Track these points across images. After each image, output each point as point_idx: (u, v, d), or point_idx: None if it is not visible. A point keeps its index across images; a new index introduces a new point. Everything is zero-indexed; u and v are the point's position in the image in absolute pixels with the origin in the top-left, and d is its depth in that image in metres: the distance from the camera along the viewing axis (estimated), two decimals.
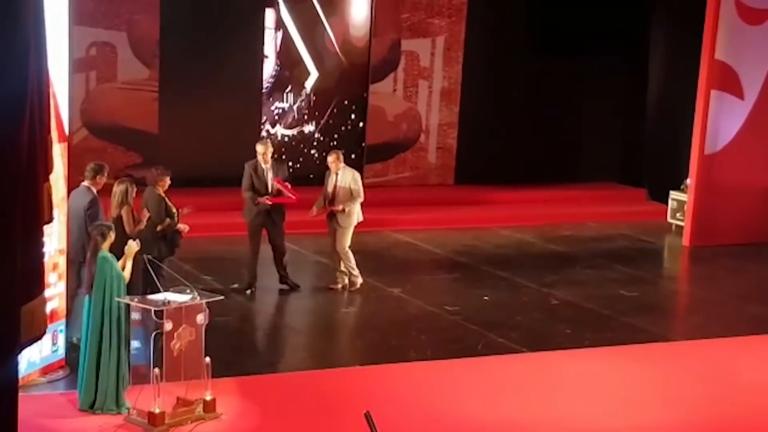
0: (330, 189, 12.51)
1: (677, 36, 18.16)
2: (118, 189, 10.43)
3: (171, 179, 11.01)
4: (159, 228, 10.69)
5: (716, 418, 9.42)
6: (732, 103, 15.95)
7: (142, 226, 10.44)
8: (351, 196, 12.46)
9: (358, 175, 12.72)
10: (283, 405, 9.12)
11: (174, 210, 10.90)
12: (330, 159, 12.69)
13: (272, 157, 12.42)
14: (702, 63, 15.73)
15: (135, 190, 10.50)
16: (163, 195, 10.90)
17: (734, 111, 15.99)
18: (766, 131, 16.18)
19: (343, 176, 12.52)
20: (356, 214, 12.61)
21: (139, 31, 16.22)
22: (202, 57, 16.62)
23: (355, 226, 12.67)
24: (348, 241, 12.56)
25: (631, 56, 19.03)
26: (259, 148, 12.37)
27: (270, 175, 12.26)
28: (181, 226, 10.92)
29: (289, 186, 12.28)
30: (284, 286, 12.50)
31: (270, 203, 12.14)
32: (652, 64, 19.08)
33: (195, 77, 16.56)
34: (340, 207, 12.39)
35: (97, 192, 10.26)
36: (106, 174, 10.40)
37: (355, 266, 12.63)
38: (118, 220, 10.34)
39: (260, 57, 17.04)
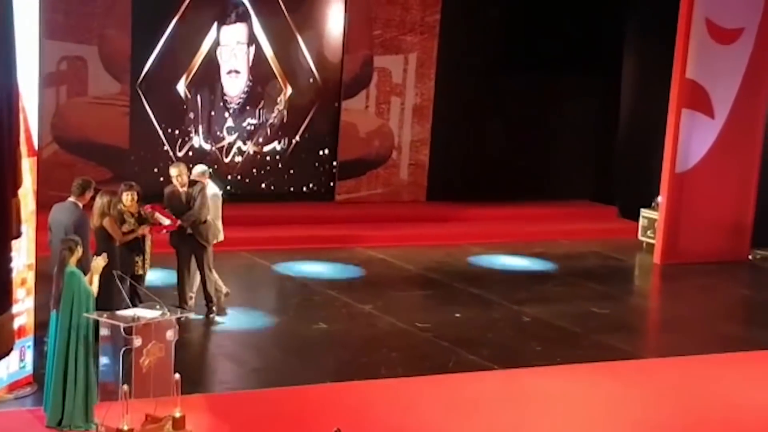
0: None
1: (649, 55, 18.27)
2: (100, 201, 10.51)
3: (139, 194, 10.98)
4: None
5: None
6: (703, 122, 16.05)
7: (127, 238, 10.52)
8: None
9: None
10: (253, 422, 9.07)
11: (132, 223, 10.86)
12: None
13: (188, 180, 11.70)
14: (673, 82, 15.82)
15: (117, 201, 10.59)
16: (125, 209, 10.85)
17: (705, 130, 16.09)
18: (737, 150, 16.29)
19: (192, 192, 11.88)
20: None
21: (110, 46, 16.14)
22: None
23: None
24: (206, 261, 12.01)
25: (603, 74, 19.11)
26: (173, 171, 11.79)
27: (184, 199, 11.65)
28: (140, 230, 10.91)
29: (166, 210, 11.43)
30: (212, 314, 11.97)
31: (146, 233, 11.08)
32: (624, 82, 19.18)
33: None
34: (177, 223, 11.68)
35: (83, 207, 10.24)
36: (92, 190, 10.38)
37: (192, 291, 12.06)
38: (101, 230, 10.35)
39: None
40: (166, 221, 11.27)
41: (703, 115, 16.04)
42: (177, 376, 8.63)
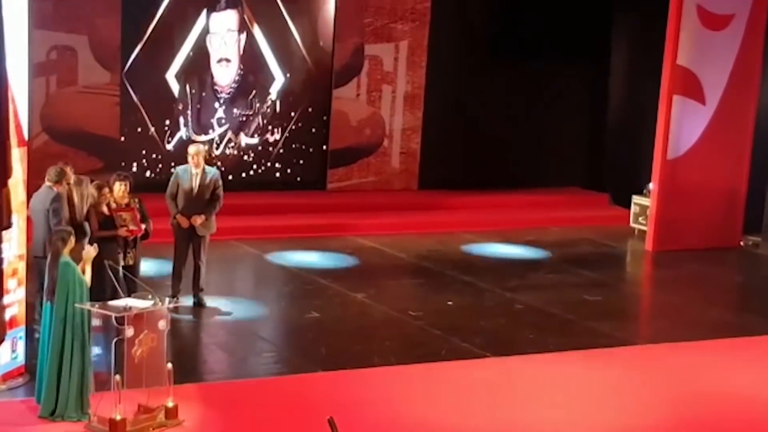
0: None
1: (640, 41, 18.27)
2: (93, 191, 10.54)
3: (130, 184, 10.92)
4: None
5: (679, 422, 9.45)
6: (694, 109, 16.06)
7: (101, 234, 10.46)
8: None
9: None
10: (245, 411, 9.06)
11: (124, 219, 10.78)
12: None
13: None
14: (664, 68, 15.82)
15: (105, 193, 10.55)
16: (107, 201, 10.77)
17: (696, 116, 16.10)
18: (728, 136, 16.31)
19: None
20: None
21: (100, 35, 16.08)
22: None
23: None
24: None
25: (594, 61, 19.11)
26: (192, 150, 11.85)
27: (197, 181, 11.69)
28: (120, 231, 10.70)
29: (134, 210, 10.99)
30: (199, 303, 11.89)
31: (125, 234, 10.76)
32: (615, 69, 19.18)
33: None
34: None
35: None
36: (68, 177, 10.34)
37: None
38: (87, 219, 10.42)
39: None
40: (134, 227, 11.00)
41: (695, 101, 16.04)
42: (169, 365, 8.62)
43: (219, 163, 17.00)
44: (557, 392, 9.90)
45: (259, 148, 17.51)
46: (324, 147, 17.98)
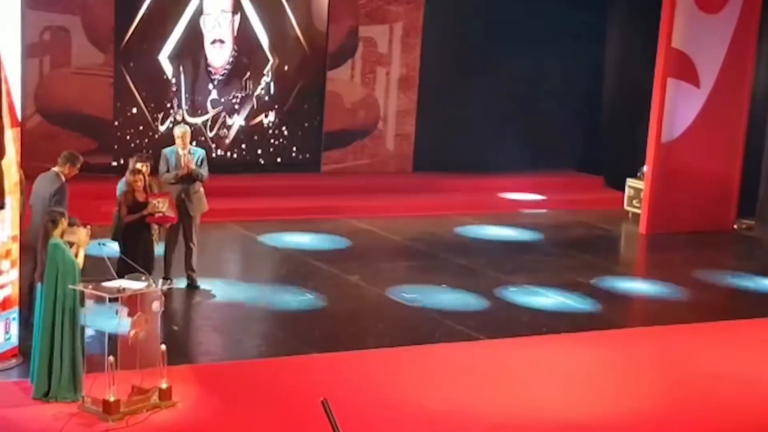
0: None
1: (634, 24, 18.24)
2: (128, 177, 10.87)
3: (150, 167, 11.22)
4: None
5: (672, 404, 9.47)
6: (688, 92, 16.05)
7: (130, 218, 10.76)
8: None
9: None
10: (239, 393, 9.07)
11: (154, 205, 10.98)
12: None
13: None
14: (659, 51, 15.81)
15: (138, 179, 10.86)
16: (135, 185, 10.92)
17: (691, 99, 16.09)
18: (722, 119, 16.30)
19: None
20: None
21: (94, 16, 16.02)
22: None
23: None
24: None
25: (589, 44, 19.07)
26: (178, 131, 11.91)
27: (184, 162, 11.70)
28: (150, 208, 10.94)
29: (169, 195, 11.26)
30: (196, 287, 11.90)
31: (162, 223, 11.19)
32: (610, 51, 19.15)
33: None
34: None
35: (66, 181, 10.17)
36: (78, 165, 10.31)
37: None
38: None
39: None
40: (171, 213, 11.18)
41: (689, 84, 16.03)
42: (163, 347, 8.62)
43: (213, 145, 16.99)
44: (551, 375, 9.91)
45: (253, 130, 17.47)
46: (318, 129, 17.94)
